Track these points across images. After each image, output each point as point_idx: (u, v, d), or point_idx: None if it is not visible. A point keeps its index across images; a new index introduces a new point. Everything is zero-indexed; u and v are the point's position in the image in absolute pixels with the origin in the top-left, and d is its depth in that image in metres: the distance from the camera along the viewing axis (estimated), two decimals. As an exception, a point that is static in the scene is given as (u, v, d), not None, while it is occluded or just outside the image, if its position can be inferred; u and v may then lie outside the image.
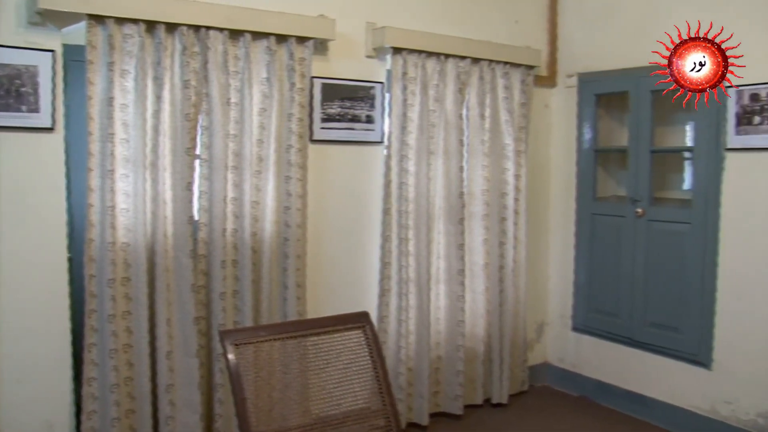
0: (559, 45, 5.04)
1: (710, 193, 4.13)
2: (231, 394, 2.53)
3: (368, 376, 2.68)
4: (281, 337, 2.60)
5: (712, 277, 4.16)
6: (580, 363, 5.02)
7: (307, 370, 2.67)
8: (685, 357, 4.33)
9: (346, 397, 2.63)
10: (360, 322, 2.73)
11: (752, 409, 4.01)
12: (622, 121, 4.77)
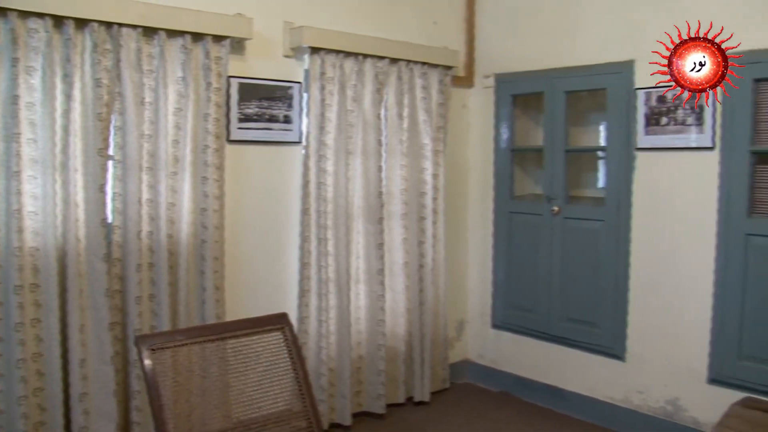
0: (477, 46, 5.12)
1: (622, 192, 4.27)
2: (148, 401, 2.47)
3: (288, 377, 2.67)
4: (199, 341, 2.57)
5: (625, 272, 4.31)
6: (500, 359, 5.11)
7: (226, 374, 2.64)
8: (601, 350, 4.47)
9: (266, 400, 2.61)
10: (279, 323, 2.71)
11: (661, 397, 4.19)
12: (538, 121, 4.87)
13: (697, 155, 3.95)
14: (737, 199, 3.80)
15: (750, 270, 3.79)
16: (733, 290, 3.85)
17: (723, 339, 3.91)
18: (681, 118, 3.97)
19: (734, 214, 3.82)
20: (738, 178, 3.79)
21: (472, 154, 5.20)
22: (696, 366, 4.02)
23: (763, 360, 3.77)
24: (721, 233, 3.88)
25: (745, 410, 3.58)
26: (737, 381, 3.85)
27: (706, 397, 3.97)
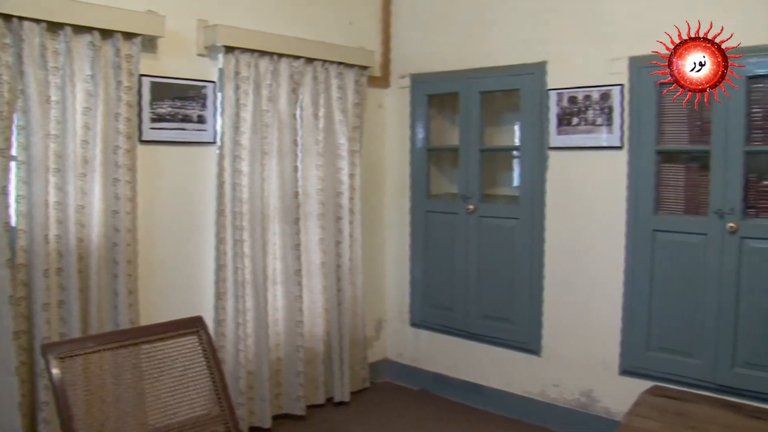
0: (393, 46, 5.14)
1: (536, 190, 4.37)
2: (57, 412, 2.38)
3: (205, 382, 2.62)
4: (112, 347, 2.49)
5: (540, 269, 4.41)
6: (418, 357, 5.15)
7: (140, 380, 2.57)
8: (517, 346, 4.56)
9: (182, 406, 2.56)
10: (194, 327, 2.66)
11: (576, 390, 4.31)
12: (454, 121, 4.93)
13: (607, 154, 4.08)
14: (644, 196, 3.95)
15: (656, 265, 3.94)
16: (641, 285, 4.00)
17: (633, 331, 4.06)
18: (591, 118, 4.09)
19: (642, 211, 3.96)
20: (645, 177, 3.94)
21: (388, 153, 5.23)
22: (608, 358, 4.16)
23: (670, 350, 3.94)
24: (630, 230, 4.02)
25: (653, 398, 3.71)
26: (646, 371, 4.00)
27: (617, 387, 4.10)
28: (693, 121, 3.82)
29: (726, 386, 3.75)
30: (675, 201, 3.93)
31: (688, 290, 3.85)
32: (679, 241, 3.87)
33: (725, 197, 3.67)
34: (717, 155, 3.69)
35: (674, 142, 3.89)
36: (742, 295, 3.68)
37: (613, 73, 4.02)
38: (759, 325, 3.64)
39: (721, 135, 3.66)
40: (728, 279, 3.71)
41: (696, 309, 3.83)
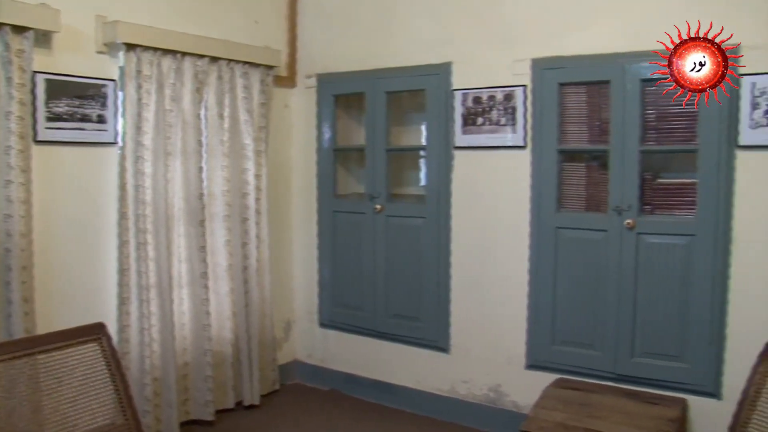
0: (299, 46, 5.10)
1: (442, 189, 4.43)
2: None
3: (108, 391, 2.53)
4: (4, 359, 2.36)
5: (446, 267, 4.46)
6: (328, 358, 5.13)
7: (37, 392, 2.45)
8: (426, 344, 4.61)
9: (83, 417, 2.46)
10: (95, 334, 2.57)
11: (485, 385, 4.39)
12: (360, 121, 4.93)
13: (511, 154, 4.16)
14: (547, 195, 4.05)
15: (559, 261, 4.06)
16: (545, 281, 4.11)
17: (538, 326, 4.16)
18: (495, 118, 4.17)
19: (545, 209, 4.07)
20: (547, 176, 4.04)
21: (295, 153, 5.19)
22: (515, 353, 4.25)
23: (573, 343, 4.07)
24: (533, 227, 4.12)
25: (558, 390, 3.86)
26: (551, 364, 4.12)
27: (524, 381, 4.20)
28: (593, 121, 3.95)
29: (626, 375, 3.90)
30: (576, 199, 4.06)
31: (590, 285, 3.98)
32: (581, 237, 3.99)
33: (623, 195, 3.81)
34: (615, 154, 3.82)
35: (575, 141, 4.01)
36: (640, 289, 3.83)
37: (516, 74, 4.11)
38: (655, 317, 3.81)
39: (619, 135, 3.80)
40: (627, 273, 3.85)
41: (597, 303, 3.97)
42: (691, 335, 3.72)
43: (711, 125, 3.58)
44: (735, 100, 3.49)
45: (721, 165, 3.57)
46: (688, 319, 3.72)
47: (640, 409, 3.63)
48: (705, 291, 3.66)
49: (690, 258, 3.70)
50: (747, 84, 3.48)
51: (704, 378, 3.69)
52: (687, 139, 3.70)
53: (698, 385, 3.71)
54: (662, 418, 3.51)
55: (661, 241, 3.77)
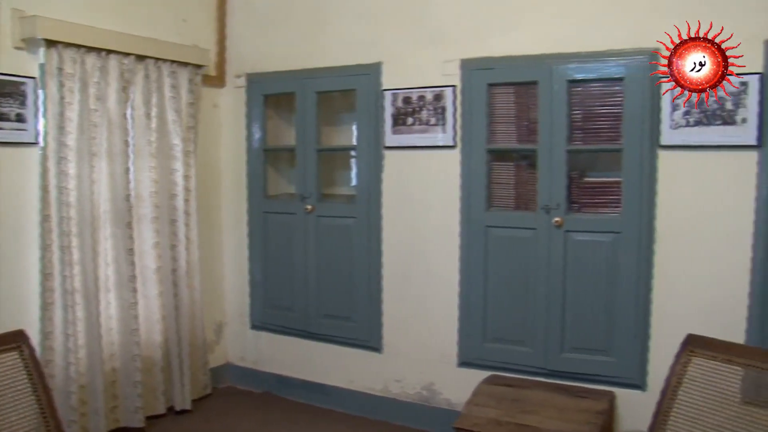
0: (228, 45, 5.03)
1: (372, 189, 4.43)
2: None
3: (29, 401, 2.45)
4: None
5: (378, 267, 4.48)
6: (261, 360, 5.08)
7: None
8: (359, 344, 4.61)
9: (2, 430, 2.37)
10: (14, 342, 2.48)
11: (418, 384, 4.42)
12: (291, 121, 4.89)
13: (441, 153, 4.20)
14: (477, 194, 4.10)
15: (490, 259, 4.11)
16: (476, 279, 4.16)
17: (469, 324, 4.21)
18: (425, 118, 4.20)
19: (474, 208, 4.11)
20: (477, 175, 4.09)
21: (224, 154, 5.12)
22: (447, 351, 4.29)
23: (504, 340, 4.13)
24: (464, 226, 4.16)
25: (490, 387, 3.90)
26: (483, 361, 4.17)
27: (457, 379, 4.24)
28: (521, 121, 4.02)
29: (556, 371, 3.98)
30: (506, 198, 4.12)
31: (520, 282, 4.04)
32: (510, 236, 4.05)
33: (551, 193, 3.89)
34: (543, 154, 3.90)
35: (504, 141, 4.07)
36: (568, 285, 3.92)
37: (445, 74, 4.14)
38: (583, 313, 3.90)
39: (546, 135, 3.87)
40: (555, 270, 3.93)
41: (527, 300, 4.03)
42: (618, 330, 3.82)
43: (634, 126, 3.68)
44: (657, 102, 3.60)
45: (644, 164, 3.67)
46: (615, 314, 3.82)
47: (570, 403, 3.71)
48: (630, 286, 3.77)
49: (616, 254, 3.79)
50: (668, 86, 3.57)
51: (630, 371, 3.80)
52: (612, 139, 3.79)
53: (625, 378, 3.82)
54: (591, 410, 3.61)
55: (588, 238, 3.85)
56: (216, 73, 4.98)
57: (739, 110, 3.47)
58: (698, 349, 2.85)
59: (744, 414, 2.66)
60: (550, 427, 3.51)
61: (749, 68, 3.42)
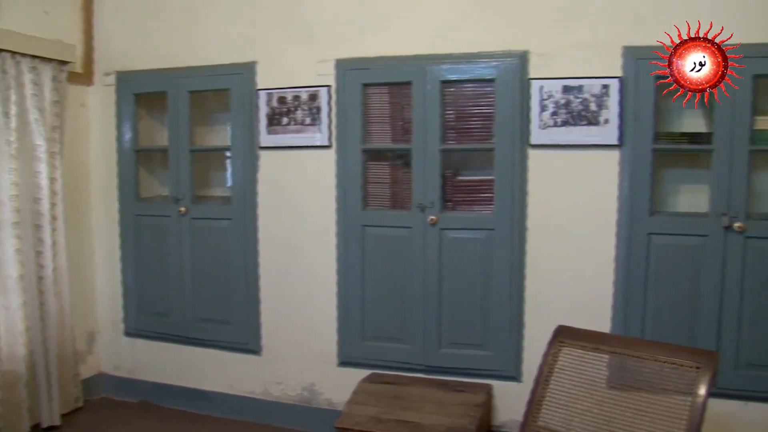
0: (96, 41, 4.80)
1: (248, 190, 4.37)
2: None
3: None
4: None
5: (255, 268, 4.42)
6: (137, 368, 4.90)
7: None
8: (237, 347, 4.54)
9: None
10: None
11: (299, 385, 4.40)
12: (163, 120, 4.74)
13: (317, 153, 4.19)
14: (353, 193, 4.12)
15: (367, 258, 4.14)
16: (354, 278, 4.18)
17: (348, 323, 4.23)
18: (300, 118, 4.17)
19: (351, 208, 4.14)
20: (353, 175, 4.11)
21: (94, 155, 4.89)
22: (327, 351, 4.30)
23: (383, 338, 4.18)
24: (340, 226, 4.17)
25: (371, 385, 3.94)
26: (363, 360, 4.20)
27: (338, 378, 4.25)
28: (396, 121, 4.05)
29: (435, 366, 4.06)
30: (381, 197, 4.15)
31: (397, 280, 4.09)
32: (387, 235, 4.09)
33: (426, 192, 3.95)
34: (417, 153, 3.95)
35: (379, 141, 4.10)
36: (444, 282, 4.00)
37: (320, 74, 4.13)
38: (459, 309, 4.00)
39: (421, 135, 3.93)
40: (431, 268, 4.00)
41: (405, 297, 4.09)
42: (493, 324, 3.94)
43: (505, 126, 3.79)
44: (526, 102, 3.73)
45: (515, 163, 3.80)
46: (490, 309, 3.94)
47: (448, 397, 3.79)
48: (504, 282, 3.89)
49: (489, 251, 3.90)
50: (536, 87, 3.72)
51: (506, 363, 3.94)
52: (484, 139, 3.89)
53: (501, 371, 3.95)
54: (469, 403, 3.70)
55: (463, 235, 3.95)
56: (83, 71, 4.75)
57: (602, 111, 3.64)
58: (567, 340, 3.00)
59: (610, 397, 2.81)
60: (430, 422, 3.57)
61: (610, 72, 3.63)
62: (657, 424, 2.65)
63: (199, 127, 4.67)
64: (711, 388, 2.61)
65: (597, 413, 2.80)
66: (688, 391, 2.64)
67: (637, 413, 2.71)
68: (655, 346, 2.91)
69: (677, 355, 2.77)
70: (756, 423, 3.64)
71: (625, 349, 2.90)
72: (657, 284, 3.68)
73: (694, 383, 2.65)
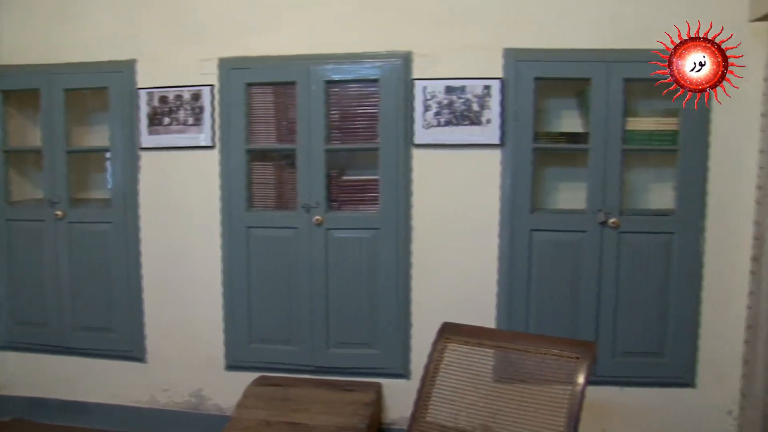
0: (-40, 34, 4.53)
1: (129, 192, 4.22)
2: None
3: None
4: None
5: (137, 272, 4.28)
6: (10, 383, 4.62)
7: None
8: (120, 355, 4.37)
9: None
10: None
11: (186, 391, 4.30)
12: (36, 119, 4.50)
13: (200, 154, 4.11)
14: (237, 194, 4.07)
15: (252, 260, 4.09)
16: (239, 280, 4.12)
17: (235, 326, 4.17)
18: (183, 118, 4.07)
19: (235, 209, 4.08)
20: (237, 175, 4.06)
21: (-41, 156, 4.60)
22: (214, 355, 4.22)
23: (271, 340, 4.14)
24: (225, 227, 4.11)
25: (259, 388, 3.91)
26: (251, 363, 4.15)
27: (226, 383, 4.18)
28: (280, 121, 4.02)
29: (324, 367, 4.07)
30: (266, 198, 4.12)
31: (284, 281, 4.07)
32: (272, 236, 4.06)
33: (311, 192, 3.95)
34: (302, 153, 3.95)
35: (264, 141, 4.06)
36: (331, 282, 4.01)
37: (203, 73, 4.05)
38: (346, 308, 4.02)
39: (305, 135, 3.92)
40: (318, 268, 4.00)
41: (292, 299, 4.07)
42: (381, 323, 3.98)
43: (390, 125, 3.84)
44: (410, 103, 3.79)
45: (400, 162, 3.85)
46: (377, 308, 3.98)
47: (338, 397, 3.80)
48: (390, 281, 3.93)
49: (375, 250, 3.94)
50: (419, 88, 3.79)
51: (394, 361, 3.98)
52: (369, 139, 3.92)
53: (390, 369, 3.99)
54: (359, 403, 3.72)
55: (349, 235, 3.97)
56: (-54, 66, 4.46)
57: (484, 112, 3.75)
58: (453, 336, 3.06)
59: (495, 390, 2.89)
60: (320, 423, 3.58)
61: (492, 73, 3.74)
62: (540, 413, 2.74)
63: (77, 126, 4.48)
64: (589, 376, 2.72)
65: (483, 406, 2.87)
66: (568, 381, 2.75)
67: (522, 404, 2.81)
68: (537, 338, 3.02)
69: (557, 346, 2.88)
70: (632, 406, 3.85)
71: (508, 343, 2.99)
72: (539, 279, 3.83)
73: (573, 372, 2.75)
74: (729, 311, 3.76)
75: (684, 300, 3.76)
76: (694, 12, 3.54)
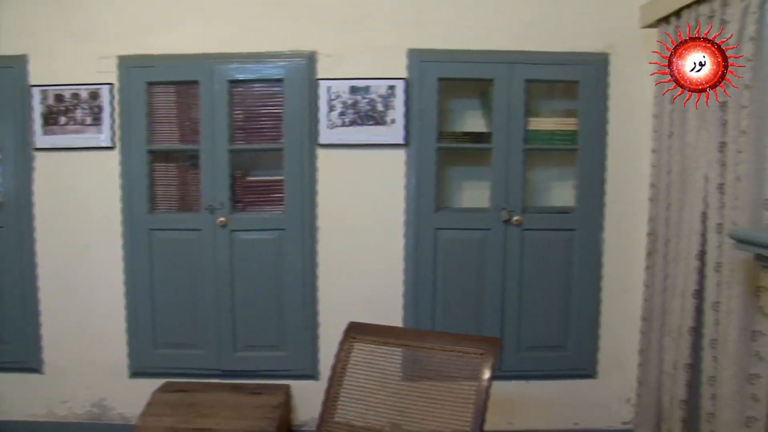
0: None
1: (22, 195, 4.04)
2: None
3: None
4: None
5: (32, 278, 4.10)
6: None
7: None
8: (13, 366, 4.17)
9: None
10: None
11: (87, 402, 4.16)
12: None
13: (99, 155, 3.98)
14: (139, 196, 3.97)
15: (155, 263, 4.01)
16: (141, 284, 4.03)
17: (138, 332, 4.07)
18: (80, 118, 3.94)
19: (137, 211, 3.99)
20: (138, 177, 3.96)
21: None
22: (117, 363, 4.10)
23: (176, 345, 4.07)
24: (126, 230, 4.00)
25: (165, 395, 3.83)
26: (156, 369, 4.06)
27: (130, 390, 4.07)
28: (183, 121, 3.95)
29: (231, 370, 4.03)
30: (170, 199, 4.04)
31: (188, 285, 4.00)
32: (176, 238, 3.99)
33: (215, 193, 3.90)
34: (206, 154, 3.89)
35: (166, 141, 3.97)
36: (236, 284, 3.97)
37: (101, 71, 3.93)
38: (253, 310, 3.98)
39: (209, 135, 3.87)
40: (223, 271, 3.96)
41: (197, 302, 4.01)
42: (288, 324, 3.98)
43: (294, 125, 3.83)
44: (314, 103, 3.79)
45: (304, 163, 3.84)
46: (284, 310, 3.97)
47: (246, 400, 3.76)
48: (297, 281, 3.93)
49: (281, 251, 3.93)
50: (324, 88, 3.78)
51: (303, 362, 3.98)
52: (273, 139, 3.90)
53: (298, 370, 3.99)
54: (267, 405, 3.71)
55: (254, 236, 3.94)
56: None
57: (388, 112, 3.78)
58: (359, 335, 3.08)
59: (403, 388, 2.93)
60: (228, 428, 3.55)
61: (396, 74, 3.77)
62: (447, 409, 2.80)
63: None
64: (494, 371, 2.79)
65: (391, 404, 2.91)
66: (474, 377, 2.80)
67: (429, 401, 2.85)
68: (442, 336, 3.07)
69: (462, 343, 2.93)
70: (536, 398, 3.97)
71: (415, 342, 3.03)
72: (445, 277, 3.89)
73: (479, 368, 2.81)
74: (626, 304, 3.93)
75: (585, 295, 3.90)
76: (589, 18, 3.67)
